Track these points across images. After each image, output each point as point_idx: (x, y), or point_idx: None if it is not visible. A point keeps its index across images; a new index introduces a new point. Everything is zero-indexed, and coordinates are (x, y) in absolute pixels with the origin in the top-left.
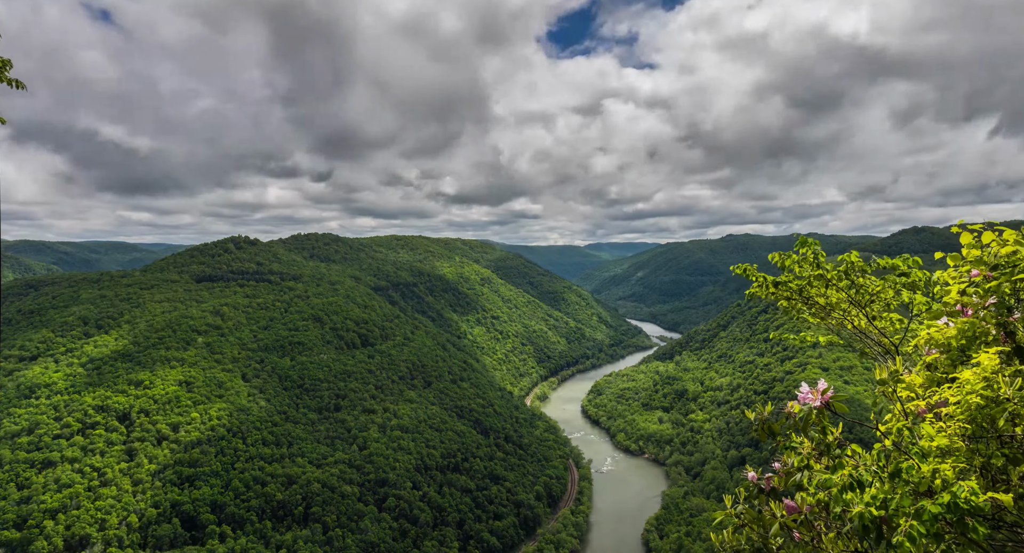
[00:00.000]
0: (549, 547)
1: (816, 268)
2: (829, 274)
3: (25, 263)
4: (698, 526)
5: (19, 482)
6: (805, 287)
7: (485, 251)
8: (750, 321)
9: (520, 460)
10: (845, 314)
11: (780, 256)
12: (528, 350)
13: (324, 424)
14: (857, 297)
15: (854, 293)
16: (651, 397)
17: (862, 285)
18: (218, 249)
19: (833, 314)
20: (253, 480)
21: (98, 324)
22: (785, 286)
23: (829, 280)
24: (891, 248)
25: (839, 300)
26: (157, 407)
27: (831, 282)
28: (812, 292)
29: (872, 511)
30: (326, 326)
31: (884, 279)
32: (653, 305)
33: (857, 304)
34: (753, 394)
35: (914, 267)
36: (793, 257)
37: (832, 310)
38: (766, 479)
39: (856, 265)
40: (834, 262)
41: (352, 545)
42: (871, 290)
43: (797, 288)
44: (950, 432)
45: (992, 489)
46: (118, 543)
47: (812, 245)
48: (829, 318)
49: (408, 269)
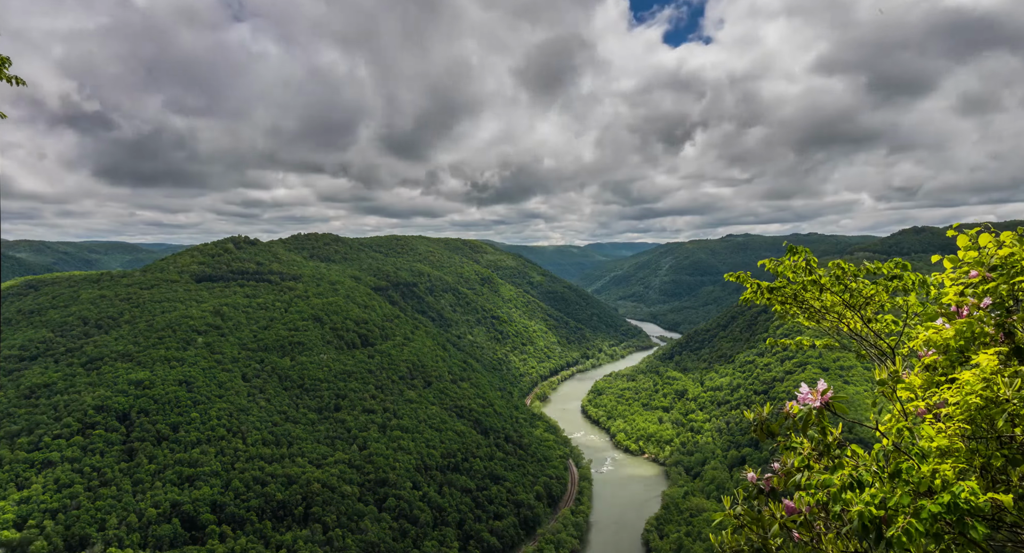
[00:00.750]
0: (549, 547)
1: (808, 274)
2: (823, 280)
3: (25, 263)
4: (698, 526)
5: (19, 482)
6: (799, 291)
7: (485, 251)
8: (750, 321)
9: (520, 460)
10: (840, 317)
11: (771, 262)
12: (528, 350)
13: (324, 424)
14: (851, 301)
15: (848, 297)
16: (651, 397)
17: (855, 289)
18: (218, 249)
19: (827, 317)
20: (253, 480)
21: (98, 324)
22: (779, 291)
23: (823, 285)
24: (891, 248)
25: (833, 304)
26: (157, 407)
27: (824, 287)
28: (807, 296)
29: (872, 510)
30: (326, 326)
31: (876, 283)
32: (653, 305)
33: (851, 307)
34: (753, 394)
35: (905, 270)
36: (785, 263)
37: (827, 313)
38: (765, 480)
39: (848, 270)
40: (826, 268)
41: (352, 545)
42: (865, 293)
43: (791, 293)
44: (950, 433)
45: (992, 490)
46: (118, 543)
47: (802, 252)
48: (824, 321)
49: (408, 269)
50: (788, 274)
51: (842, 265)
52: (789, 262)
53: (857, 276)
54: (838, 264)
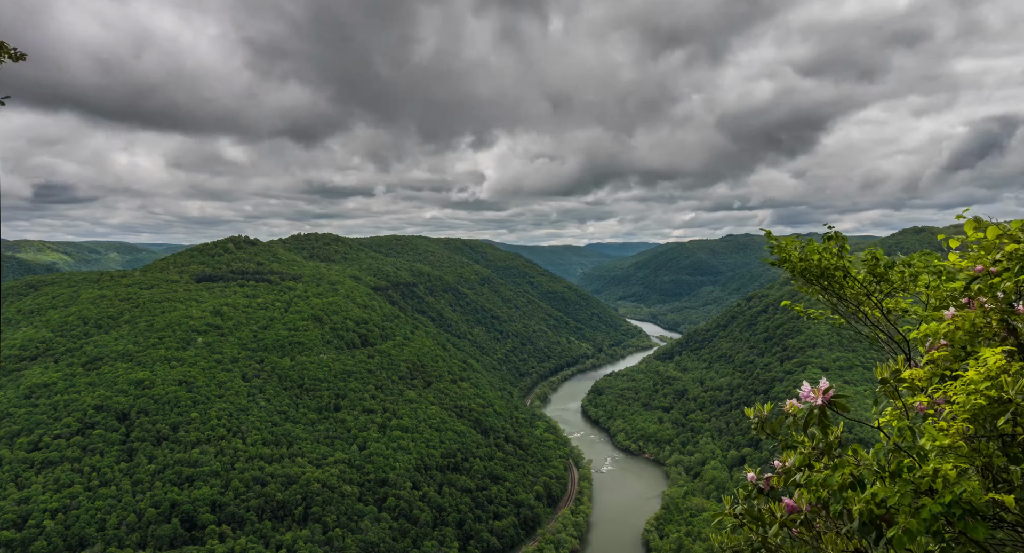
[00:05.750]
0: (549, 547)
1: (840, 259)
2: (851, 269)
3: (25, 263)
4: (698, 526)
5: (19, 482)
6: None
7: (485, 251)
8: (750, 321)
9: (520, 460)
10: (859, 304)
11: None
12: (528, 350)
13: (324, 424)
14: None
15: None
16: (651, 397)
17: (882, 276)
18: (218, 249)
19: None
20: (253, 480)
21: (98, 324)
22: (808, 269)
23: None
24: (891, 248)
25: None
26: (157, 407)
27: (850, 274)
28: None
29: (873, 509)
30: (326, 326)
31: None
32: (653, 305)
33: (871, 295)
34: (753, 394)
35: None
36: (813, 244)
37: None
38: (765, 479)
39: (882, 260)
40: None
41: (352, 545)
42: (895, 284)
43: (818, 272)
44: (952, 432)
45: (993, 489)
46: (118, 543)
47: (839, 238)
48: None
49: (408, 269)
50: (814, 257)
51: (876, 254)
52: (820, 246)
53: (892, 266)
54: (871, 252)
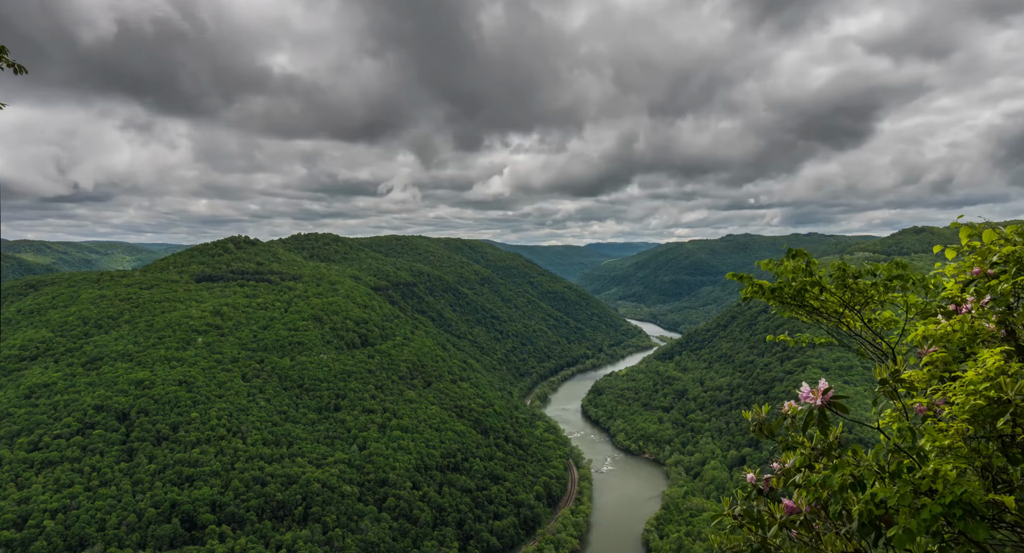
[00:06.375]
0: (549, 547)
1: (808, 275)
2: (823, 281)
3: (25, 263)
4: (698, 526)
5: (19, 482)
6: (800, 291)
7: (485, 251)
8: (750, 321)
9: (520, 460)
10: (840, 317)
11: (771, 263)
12: (528, 350)
13: (324, 424)
14: (851, 301)
15: (848, 297)
16: (651, 397)
17: (855, 288)
18: (218, 249)
19: (828, 316)
20: (253, 480)
21: (98, 324)
22: (780, 291)
23: (823, 286)
24: (891, 248)
25: (833, 304)
26: (157, 407)
27: (824, 287)
28: (807, 297)
29: (872, 509)
30: (326, 326)
31: (876, 283)
32: (653, 305)
33: (850, 307)
34: (753, 394)
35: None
36: (786, 264)
37: (827, 313)
38: (764, 480)
39: (849, 271)
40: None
41: (352, 545)
42: (867, 294)
43: (792, 292)
44: (951, 433)
45: (993, 490)
46: (118, 543)
47: (803, 255)
48: (824, 320)
49: (408, 269)
50: (788, 276)
51: (843, 266)
52: (790, 264)
53: (858, 277)
54: (839, 265)
